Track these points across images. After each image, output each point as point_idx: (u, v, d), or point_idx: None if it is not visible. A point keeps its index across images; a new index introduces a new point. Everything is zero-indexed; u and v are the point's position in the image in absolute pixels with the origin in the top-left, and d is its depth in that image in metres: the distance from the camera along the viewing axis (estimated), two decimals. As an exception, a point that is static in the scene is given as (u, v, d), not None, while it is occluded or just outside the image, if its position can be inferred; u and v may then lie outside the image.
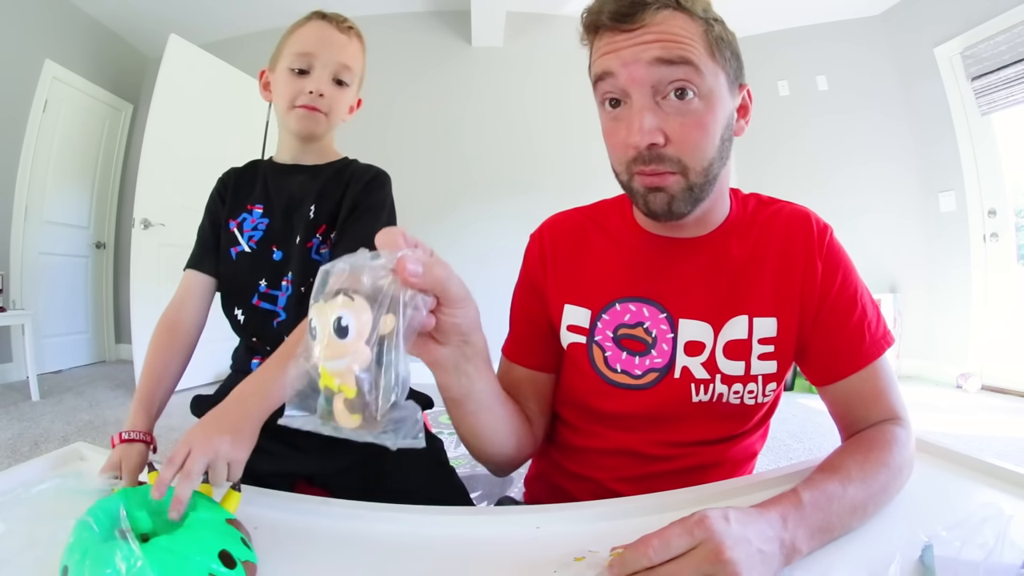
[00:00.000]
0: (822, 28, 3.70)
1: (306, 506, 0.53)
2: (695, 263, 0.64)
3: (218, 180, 0.89)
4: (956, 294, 3.24)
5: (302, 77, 0.79)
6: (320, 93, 0.79)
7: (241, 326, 0.82)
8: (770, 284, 0.62)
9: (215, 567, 0.36)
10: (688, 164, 0.55)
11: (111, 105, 3.94)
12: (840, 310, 0.61)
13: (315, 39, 0.80)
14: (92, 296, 3.98)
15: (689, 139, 0.54)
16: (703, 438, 0.64)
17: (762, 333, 0.61)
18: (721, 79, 0.55)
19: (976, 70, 3.00)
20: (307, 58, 0.79)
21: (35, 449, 2.06)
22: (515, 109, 3.71)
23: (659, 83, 0.53)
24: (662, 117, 0.54)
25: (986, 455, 0.58)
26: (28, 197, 3.37)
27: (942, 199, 3.30)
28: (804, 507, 0.43)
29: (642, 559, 0.37)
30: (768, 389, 0.63)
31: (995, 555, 0.37)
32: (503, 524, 0.49)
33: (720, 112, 0.55)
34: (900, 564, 0.39)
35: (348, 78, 0.82)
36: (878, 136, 3.52)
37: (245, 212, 0.83)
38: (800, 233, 0.63)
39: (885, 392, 0.60)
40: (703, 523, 0.37)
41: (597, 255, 0.68)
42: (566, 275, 0.68)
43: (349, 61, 0.81)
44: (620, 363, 0.64)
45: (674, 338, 0.62)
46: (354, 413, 0.33)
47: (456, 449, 2.16)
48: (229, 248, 0.82)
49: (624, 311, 0.64)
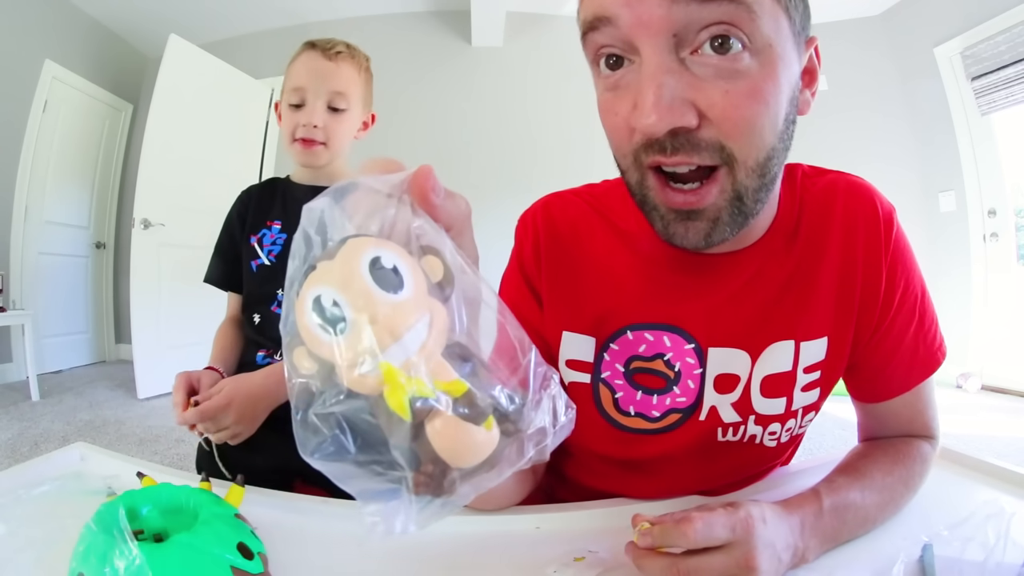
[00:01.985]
0: (822, 28, 3.69)
1: (306, 506, 0.53)
2: (731, 280, 0.48)
3: (237, 199, 0.93)
4: (956, 294, 3.24)
5: (298, 111, 0.83)
6: (314, 125, 0.82)
7: (256, 327, 0.88)
8: (824, 295, 0.48)
9: (235, 559, 0.37)
10: (738, 155, 0.37)
11: (111, 105, 3.94)
12: (900, 325, 0.50)
13: (305, 72, 0.83)
14: (92, 296, 3.98)
15: (738, 114, 0.35)
16: (730, 480, 0.55)
17: (809, 360, 0.49)
18: (784, 26, 0.36)
19: (976, 70, 3.00)
20: (300, 92, 0.83)
21: (35, 449, 2.06)
22: (515, 109, 3.71)
23: (686, 27, 0.34)
24: (691, 83, 0.35)
25: (986, 455, 0.58)
26: (28, 197, 3.37)
27: (942, 199, 3.30)
28: (823, 515, 0.42)
29: (681, 539, 0.35)
30: (806, 420, 0.53)
31: (995, 555, 0.37)
32: (503, 524, 0.49)
33: (784, 76, 0.37)
34: (904, 563, 0.39)
35: (342, 104, 0.84)
36: (878, 136, 3.52)
37: (265, 228, 0.88)
38: (864, 221, 0.48)
39: (925, 411, 0.54)
40: (747, 524, 0.36)
41: (603, 262, 0.52)
42: (564, 285, 0.52)
43: (341, 87, 0.84)
44: (634, 405, 0.51)
45: (702, 373, 0.49)
46: (482, 421, 0.18)
47: (456, 449, 2.16)
48: (250, 261, 0.87)
49: (639, 340, 0.50)
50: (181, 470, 0.62)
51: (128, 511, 0.39)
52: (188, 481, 0.48)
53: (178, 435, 2.28)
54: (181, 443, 2.19)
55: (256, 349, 0.88)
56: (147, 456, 2.04)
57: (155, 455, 2.07)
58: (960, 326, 3.20)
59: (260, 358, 0.86)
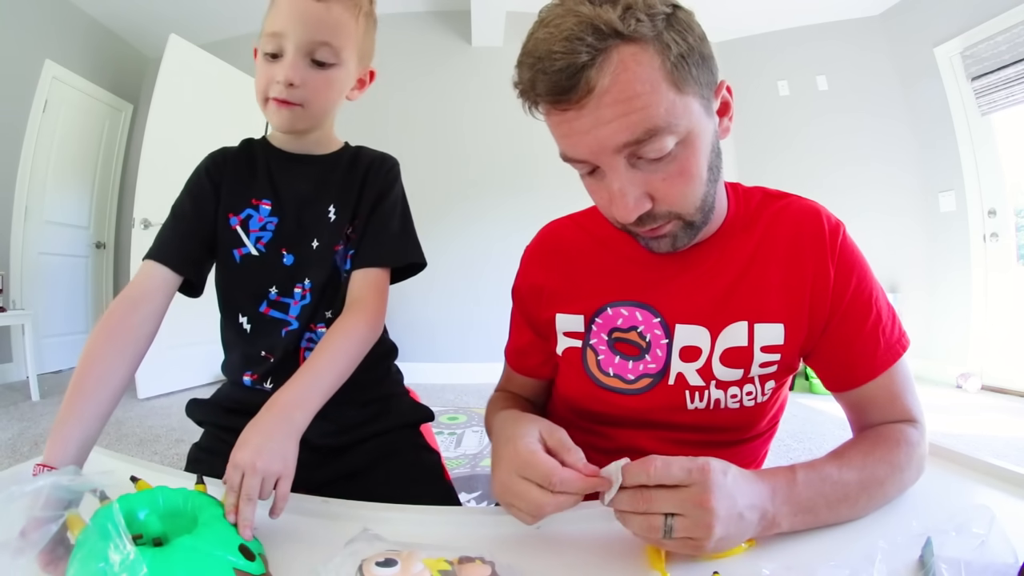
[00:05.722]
0: (822, 28, 3.69)
1: (306, 506, 0.53)
2: (693, 267, 0.61)
3: (207, 158, 0.75)
4: (956, 294, 3.24)
5: (273, 62, 0.65)
6: (290, 82, 0.64)
7: (247, 336, 0.73)
8: (777, 288, 0.58)
9: (238, 560, 0.37)
10: (682, 212, 0.52)
11: (111, 105, 3.94)
12: (854, 317, 0.58)
13: (285, 15, 0.64)
14: (92, 296, 3.97)
15: (676, 192, 0.50)
16: (705, 439, 0.62)
17: (766, 340, 0.58)
18: (695, 108, 0.47)
19: (976, 70, 3.00)
20: (277, 39, 0.64)
21: (35, 449, 2.06)
22: (515, 109, 3.68)
23: (632, 154, 0.47)
24: (643, 179, 0.49)
25: (986, 455, 0.58)
26: (28, 197, 3.37)
27: (942, 199, 3.30)
28: (796, 484, 0.45)
29: (641, 475, 0.41)
30: (767, 387, 0.61)
31: (995, 555, 0.37)
32: (503, 524, 0.49)
33: (702, 145, 0.49)
34: (903, 562, 0.39)
35: (330, 57, 0.66)
36: (878, 136, 3.52)
37: (250, 208, 0.72)
38: (810, 232, 0.59)
39: (901, 396, 0.58)
40: (704, 469, 0.40)
41: (590, 263, 0.66)
42: (560, 287, 0.67)
43: (328, 36, 0.65)
44: (613, 367, 0.62)
45: (669, 344, 0.60)
46: None
47: (455, 449, 2.16)
48: (231, 249, 0.71)
49: (616, 315, 0.62)
50: (181, 470, 0.62)
51: (125, 515, 0.39)
52: (188, 482, 0.48)
53: (178, 435, 2.28)
54: (181, 443, 2.19)
55: (242, 369, 0.72)
56: (147, 456, 2.04)
57: (155, 455, 2.07)
58: (960, 326, 3.20)
59: (248, 382, 0.72)
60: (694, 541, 0.39)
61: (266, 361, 0.72)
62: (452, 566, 0.38)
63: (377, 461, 0.74)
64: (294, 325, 0.72)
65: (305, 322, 0.72)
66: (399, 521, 0.50)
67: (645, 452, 0.63)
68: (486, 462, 2.01)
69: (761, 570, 0.38)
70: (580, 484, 0.43)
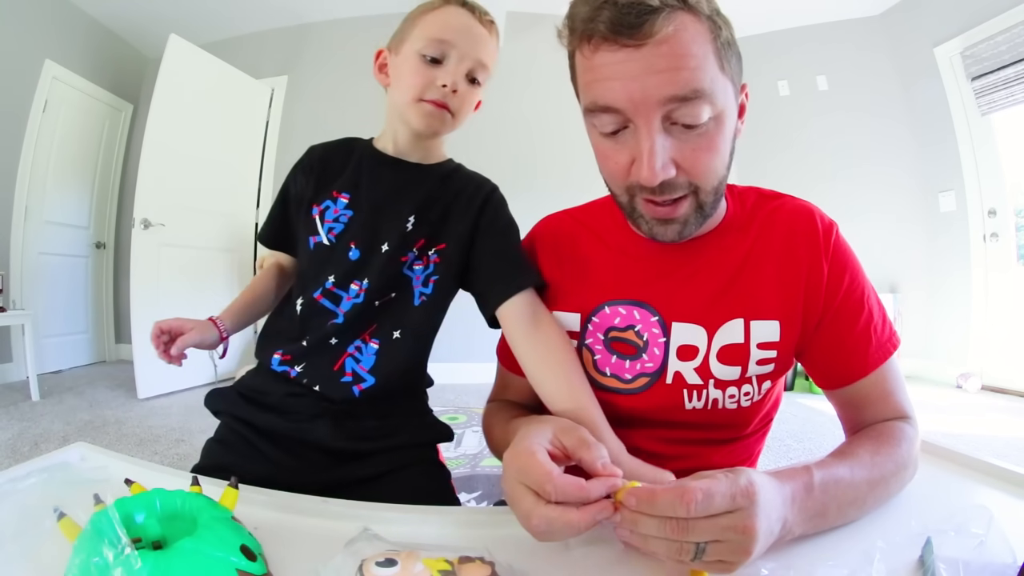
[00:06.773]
0: (822, 28, 3.70)
1: (306, 506, 0.53)
2: (689, 265, 0.61)
3: (304, 155, 0.80)
4: (956, 294, 3.24)
5: (434, 67, 0.70)
6: (453, 89, 0.70)
7: (295, 318, 0.74)
8: (772, 286, 0.59)
9: (240, 561, 0.37)
10: (700, 186, 0.52)
11: (111, 105, 3.94)
12: (847, 314, 0.59)
13: (455, 27, 0.70)
14: (92, 296, 3.98)
15: (701, 164, 0.50)
16: (701, 437, 0.63)
17: (762, 337, 0.59)
18: (730, 92, 0.51)
19: (976, 70, 3.00)
20: (443, 46, 0.69)
21: (35, 449, 2.06)
22: (515, 109, 3.71)
23: (670, 114, 0.48)
24: (674, 145, 0.49)
25: (986, 455, 0.58)
26: (28, 197, 3.37)
27: (942, 199, 3.30)
28: (814, 490, 0.43)
29: (680, 510, 0.35)
30: (763, 387, 0.61)
31: (994, 555, 0.37)
32: (503, 524, 0.49)
33: (729, 128, 0.52)
34: (903, 562, 0.39)
35: (483, 77, 0.73)
36: (878, 136, 3.52)
37: (329, 199, 0.74)
38: (804, 231, 0.60)
39: (893, 394, 0.59)
40: (749, 493, 0.36)
41: (587, 260, 0.66)
42: (556, 283, 0.67)
43: (487, 59, 0.72)
44: (609, 367, 0.62)
45: (666, 342, 0.60)
46: None
47: (456, 450, 2.16)
48: (308, 237, 0.74)
49: (614, 314, 0.62)
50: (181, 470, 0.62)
51: (122, 519, 0.39)
52: (184, 482, 0.48)
53: (178, 435, 2.28)
54: (181, 443, 2.19)
55: (276, 346, 0.74)
56: (147, 456, 2.04)
57: (155, 455, 2.07)
58: (960, 326, 3.20)
59: (277, 362, 0.73)
60: (725, 564, 0.37)
61: (301, 345, 0.72)
62: (452, 566, 0.38)
63: (389, 472, 0.73)
64: (339, 319, 0.71)
65: (351, 321, 0.71)
66: (399, 521, 0.50)
67: (643, 452, 0.61)
68: (486, 462, 2.01)
69: (761, 570, 0.38)
70: (578, 494, 0.38)
